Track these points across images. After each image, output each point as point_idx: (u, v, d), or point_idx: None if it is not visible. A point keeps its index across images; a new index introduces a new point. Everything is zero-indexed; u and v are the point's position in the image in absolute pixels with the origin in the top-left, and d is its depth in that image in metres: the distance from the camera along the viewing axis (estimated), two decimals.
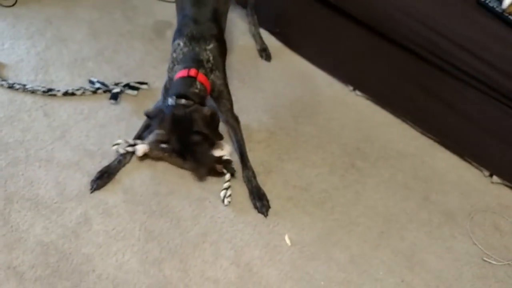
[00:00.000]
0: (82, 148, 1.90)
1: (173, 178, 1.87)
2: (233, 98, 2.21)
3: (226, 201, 1.81)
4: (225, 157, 1.87)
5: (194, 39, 1.87)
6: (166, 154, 1.86)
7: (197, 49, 1.86)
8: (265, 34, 2.56)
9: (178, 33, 1.92)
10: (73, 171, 1.82)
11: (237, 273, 1.64)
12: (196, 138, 1.76)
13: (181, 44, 1.88)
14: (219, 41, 1.93)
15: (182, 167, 1.88)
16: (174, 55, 1.89)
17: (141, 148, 1.84)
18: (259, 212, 1.82)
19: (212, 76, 1.87)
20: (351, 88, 2.35)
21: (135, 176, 1.84)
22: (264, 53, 2.46)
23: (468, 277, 1.73)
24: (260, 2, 2.47)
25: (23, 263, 1.58)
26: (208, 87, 1.85)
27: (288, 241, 1.75)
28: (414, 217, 1.89)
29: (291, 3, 2.49)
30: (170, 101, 1.76)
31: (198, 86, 1.80)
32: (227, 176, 1.85)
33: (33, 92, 2.07)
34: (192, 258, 1.65)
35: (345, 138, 2.13)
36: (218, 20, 1.99)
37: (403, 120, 2.25)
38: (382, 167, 2.04)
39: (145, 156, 1.87)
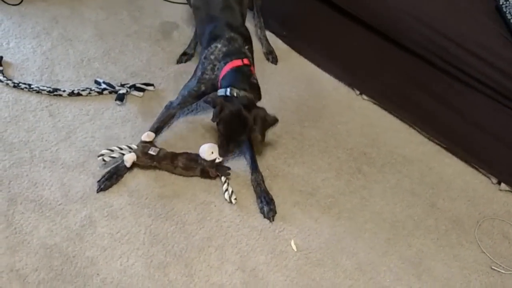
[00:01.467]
0: (88, 149, 1.89)
1: (178, 181, 1.85)
2: None
3: (232, 200, 1.80)
4: (217, 160, 1.84)
5: (232, 40, 1.87)
6: (154, 162, 1.82)
7: (236, 45, 1.86)
8: (271, 37, 2.55)
9: (213, 39, 1.89)
10: (78, 172, 1.81)
11: (243, 278, 1.62)
12: (243, 138, 1.82)
13: (219, 45, 1.86)
14: (250, 43, 1.96)
15: (172, 173, 1.85)
16: (213, 56, 1.86)
17: (129, 157, 1.79)
18: (265, 217, 1.80)
19: None
20: (357, 92, 2.34)
21: (140, 179, 1.83)
22: (271, 56, 2.45)
23: (476, 285, 1.71)
24: (267, 5, 2.46)
25: (26, 266, 1.56)
26: None
27: (294, 246, 1.73)
28: (421, 224, 1.87)
29: (298, 6, 2.48)
30: (230, 91, 1.75)
31: (255, 77, 1.83)
32: (223, 178, 1.84)
33: (38, 92, 2.05)
34: (197, 263, 1.64)
35: (351, 143, 2.11)
36: (244, 22, 2.02)
37: (410, 125, 2.23)
38: (388, 172, 2.02)
39: (134, 165, 1.83)
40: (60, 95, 2.06)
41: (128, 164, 1.79)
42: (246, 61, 1.83)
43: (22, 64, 2.20)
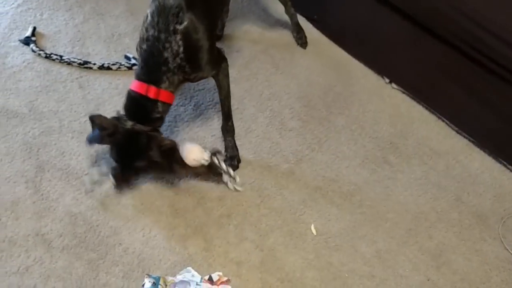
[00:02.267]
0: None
1: None
2: (266, 84, 2.20)
3: (238, 188, 1.76)
4: (204, 161, 1.64)
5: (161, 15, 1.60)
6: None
7: (159, 43, 1.58)
8: (301, 21, 2.51)
9: None
10: (105, 145, 1.84)
11: (261, 257, 1.63)
12: (141, 164, 1.62)
13: (149, 17, 1.63)
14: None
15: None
16: (141, 34, 1.66)
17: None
18: (228, 164, 1.76)
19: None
20: (387, 80, 2.30)
21: None
22: (300, 40, 2.42)
23: (497, 282, 1.68)
24: None
25: (52, 231, 1.61)
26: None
27: (314, 230, 1.73)
28: (444, 217, 1.84)
29: None
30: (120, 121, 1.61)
31: (160, 109, 1.62)
32: (223, 174, 1.75)
33: (69, 63, 2.09)
34: (217, 239, 1.65)
35: (378, 132, 2.08)
36: None
37: (439, 117, 2.18)
38: (415, 164, 1.99)
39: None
40: (90, 68, 2.09)
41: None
42: (152, 91, 1.57)
43: (54, 36, 2.23)
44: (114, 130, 1.58)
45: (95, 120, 1.61)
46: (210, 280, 1.53)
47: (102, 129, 1.59)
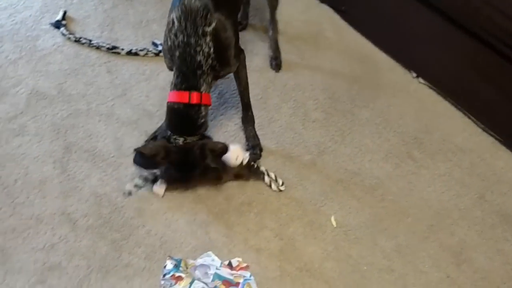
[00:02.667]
0: (142, 107, 1.94)
1: None
2: (290, 74, 2.19)
3: (281, 188, 1.77)
4: (245, 161, 1.69)
5: (189, 14, 1.59)
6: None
7: (191, 45, 1.58)
8: (329, 12, 2.50)
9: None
10: (132, 128, 1.87)
11: (280, 246, 1.65)
12: (197, 172, 1.64)
13: (176, 23, 1.62)
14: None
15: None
16: (169, 40, 1.64)
17: (159, 189, 1.69)
18: (251, 153, 1.78)
19: None
20: (414, 74, 2.27)
21: None
22: (275, 61, 2.20)
23: None
24: None
25: (77, 211, 1.65)
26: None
27: (334, 222, 1.74)
28: (467, 215, 1.82)
29: None
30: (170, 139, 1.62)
31: (204, 113, 1.63)
32: (264, 176, 1.78)
33: (98, 48, 2.12)
34: (237, 226, 1.67)
35: (403, 126, 2.06)
36: None
37: (465, 114, 2.16)
38: (439, 160, 1.97)
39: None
40: (119, 53, 2.12)
41: (161, 194, 1.69)
42: (195, 97, 1.57)
43: (84, 21, 2.26)
44: (166, 153, 1.58)
45: (144, 153, 1.57)
46: (230, 265, 1.55)
47: (154, 157, 1.57)
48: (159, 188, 1.69)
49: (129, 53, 2.12)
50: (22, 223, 1.60)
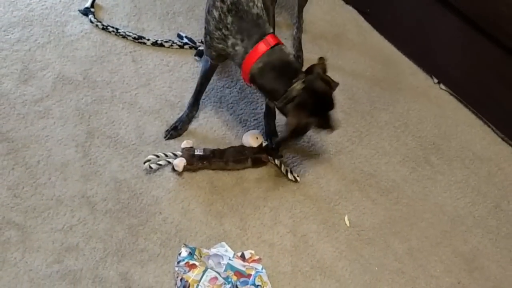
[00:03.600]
0: (164, 98, 1.97)
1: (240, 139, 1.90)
2: None
3: (297, 178, 1.80)
4: (263, 144, 1.82)
5: None
6: (205, 162, 1.76)
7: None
8: (354, 13, 2.50)
9: None
10: (153, 118, 1.90)
11: (293, 242, 1.66)
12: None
13: None
14: None
15: (224, 169, 1.79)
16: (216, 13, 1.58)
17: (179, 162, 1.72)
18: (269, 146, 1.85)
19: None
20: (436, 80, 2.26)
21: (207, 132, 1.90)
22: (297, 60, 2.20)
23: None
24: None
25: (97, 194, 1.69)
26: None
27: (347, 222, 1.75)
28: (481, 223, 1.82)
29: None
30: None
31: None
32: (277, 161, 1.82)
33: (124, 37, 2.15)
34: (252, 219, 1.70)
35: (422, 131, 2.07)
36: None
37: (485, 122, 2.15)
38: (456, 167, 1.97)
39: (185, 169, 1.75)
40: (144, 43, 2.15)
41: (180, 169, 1.72)
42: (271, 39, 1.52)
43: (112, 9, 2.30)
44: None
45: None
46: (242, 257, 1.57)
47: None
48: (180, 162, 1.72)
49: (155, 43, 2.15)
50: (43, 203, 1.64)
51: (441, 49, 2.22)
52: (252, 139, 1.81)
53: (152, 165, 1.73)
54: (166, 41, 2.16)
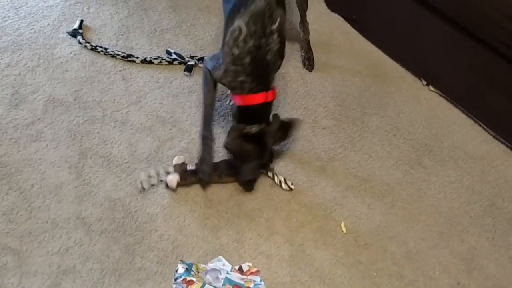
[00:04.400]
0: (155, 114, 1.98)
1: None
2: (301, 82, 2.22)
3: (291, 186, 1.81)
4: None
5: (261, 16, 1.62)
6: (198, 176, 1.75)
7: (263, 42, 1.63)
8: (339, 21, 2.53)
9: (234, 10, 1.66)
10: (145, 135, 1.91)
11: (290, 251, 1.66)
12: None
13: (243, 29, 1.64)
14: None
15: (219, 182, 1.79)
16: (236, 51, 1.65)
17: (173, 179, 1.72)
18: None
19: None
20: (424, 82, 2.28)
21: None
22: (307, 61, 2.28)
23: None
24: None
25: (91, 215, 1.68)
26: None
27: (344, 228, 1.75)
28: (477, 222, 1.82)
29: None
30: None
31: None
32: (269, 173, 1.83)
33: (113, 56, 2.17)
34: (248, 231, 1.69)
35: (413, 134, 2.08)
36: None
37: (476, 121, 2.16)
38: (449, 167, 1.98)
39: (179, 185, 1.74)
40: (133, 61, 2.16)
41: (173, 186, 1.72)
42: (271, 95, 1.68)
43: (100, 29, 2.32)
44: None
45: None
46: (240, 270, 1.57)
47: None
48: (173, 178, 1.71)
49: (144, 61, 2.16)
50: (38, 227, 1.64)
51: (429, 52, 2.24)
52: None
53: (144, 186, 1.73)
54: (155, 58, 2.17)
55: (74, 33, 2.24)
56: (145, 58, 2.17)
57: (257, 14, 1.55)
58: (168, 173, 1.75)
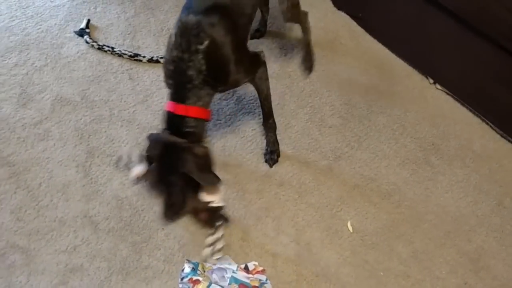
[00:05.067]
0: (162, 113, 1.98)
1: (242, 152, 1.91)
2: (307, 80, 2.21)
3: (214, 257, 1.60)
4: (214, 204, 1.58)
5: (185, 34, 1.57)
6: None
7: (183, 66, 1.57)
8: (346, 19, 2.52)
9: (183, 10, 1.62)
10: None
11: (297, 250, 1.66)
12: (174, 179, 1.50)
13: (173, 37, 1.61)
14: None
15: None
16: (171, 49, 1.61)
17: (137, 171, 1.61)
18: (265, 161, 1.88)
19: None
20: (431, 81, 2.27)
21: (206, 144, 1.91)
22: (304, 64, 2.23)
23: None
24: None
25: (99, 214, 1.70)
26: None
27: (350, 227, 1.75)
28: (485, 221, 1.81)
29: None
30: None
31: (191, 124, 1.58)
32: (215, 230, 1.63)
33: (120, 55, 2.18)
34: (254, 230, 1.70)
35: (420, 132, 2.07)
36: None
37: (483, 120, 2.14)
38: (456, 166, 1.97)
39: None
40: (140, 60, 2.17)
41: (135, 176, 1.61)
42: (180, 109, 1.55)
43: (107, 29, 2.33)
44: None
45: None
46: (246, 269, 1.57)
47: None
48: (137, 170, 1.60)
49: (150, 60, 2.17)
50: (46, 225, 1.66)
51: (435, 49, 2.23)
52: (208, 191, 1.57)
53: (120, 165, 1.73)
54: (161, 57, 2.17)
55: (81, 33, 2.25)
56: (152, 57, 2.17)
57: (184, 28, 1.54)
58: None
